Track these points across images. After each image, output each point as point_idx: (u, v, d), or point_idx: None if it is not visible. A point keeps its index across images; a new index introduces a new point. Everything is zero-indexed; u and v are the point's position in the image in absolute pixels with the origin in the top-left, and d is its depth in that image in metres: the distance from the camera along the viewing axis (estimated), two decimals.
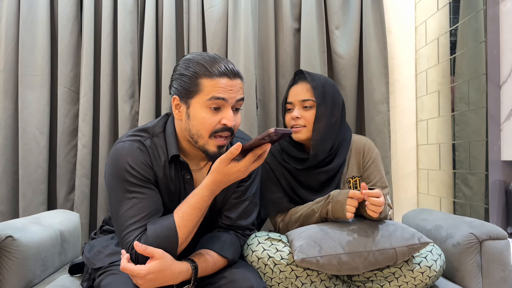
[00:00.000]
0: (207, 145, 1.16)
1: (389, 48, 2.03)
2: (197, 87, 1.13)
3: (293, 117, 1.48)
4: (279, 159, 1.54)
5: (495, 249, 1.29)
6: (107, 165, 1.20)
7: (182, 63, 1.18)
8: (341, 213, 1.30)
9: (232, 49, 1.98)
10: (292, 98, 1.50)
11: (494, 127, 1.66)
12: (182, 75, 1.16)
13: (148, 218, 1.14)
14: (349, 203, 1.29)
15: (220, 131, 1.15)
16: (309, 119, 1.46)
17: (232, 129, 1.17)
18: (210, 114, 1.14)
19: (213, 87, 1.12)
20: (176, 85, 1.17)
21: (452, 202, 2.00)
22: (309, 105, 1.47)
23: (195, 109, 1.14)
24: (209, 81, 1.12)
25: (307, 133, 1.47)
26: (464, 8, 1.90)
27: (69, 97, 2.00)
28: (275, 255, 1.27)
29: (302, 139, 1.49)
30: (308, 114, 1.47)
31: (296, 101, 1.49)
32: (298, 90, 1.49)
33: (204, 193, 1.13)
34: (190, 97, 1.15)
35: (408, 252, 1.25)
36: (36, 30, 1.97)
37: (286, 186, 1.51)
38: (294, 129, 1.48)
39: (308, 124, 1.47)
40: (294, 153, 1.52)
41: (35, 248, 1.32)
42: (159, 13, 2.02)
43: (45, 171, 1.96)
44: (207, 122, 1.14)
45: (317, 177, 1.49)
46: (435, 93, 2.00)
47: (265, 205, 1.50)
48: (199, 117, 1.14)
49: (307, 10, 1.97)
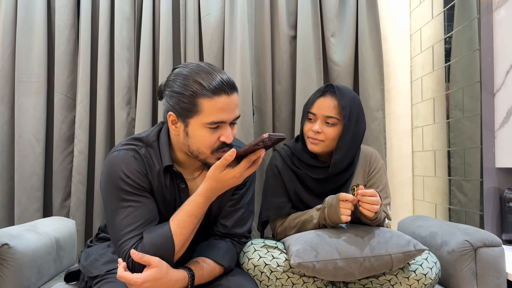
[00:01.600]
0: (209, 159, 1.17)
1: (385, 56, 2.05)
2: (195, 107, 1.12)
3: (314, 130, 1.46)
4: (289, 163, 1.54)
5: (489, 256, 1.30)
6: (102, 174, 1.20)
7: (177, 80, 1.15)
8: (336, 216, 1.30)
9: (229, 56, 1.99)
10: (317, 110, 1.48)
11: (488, 134, 1.68)
12: (177, 93, 1.13)
13: (144, 226, 1.14)
14: (343, 206, 1.29)
15: (220, 148, 1.16)
16: (329, 135, 1.46)
17: (231, 144, 1.18)
18: (209, 133, 1.13)
19: (212, 108, 1.11)
20: (172, 103, 1.15)
21: (448, 208, 2.01)
22: (332, 122, 1.46)
23: (194, 128, 1.14)
24: (207, 101, 1.11)
25: (323, 148, 1.48)
26: (459, 16, 1.92)
27: (66, 104, 2.00)
28: (271, 263, 1.27)
29: (317, 152, 1.49)
30: (329, 130, 1.46)
31: (320, 115, 1.47)
32: (324, 104, 1.47)
33: (200, 200, 1.13)
34: (188, 117, 1.14)
35: (403, 259, 1.25)
36: (33, 36, 1.97)
37: (292, 191, 1.52)
38: (311, 140, 1.48)
39: (327, 140, 1.46)
40: (306, 160, 1.52)
41: (31, 256, 1.32)
42: (156, 20, 2.03)
43: (40, 178, 1.95)
44: (207, 141, 1.14)
45: (327, 185, 1.50)
46: (430, 100, 2.02)
47: (267, 208, 1.51)
48: (198, 136, 1.14)
49: (303, 18, 1.99)
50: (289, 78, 2.04)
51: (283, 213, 1.49)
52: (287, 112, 2.04)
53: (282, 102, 2.03)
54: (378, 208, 1.27)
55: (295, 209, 1.52)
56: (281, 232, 1.48)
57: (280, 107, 2.04)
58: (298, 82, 1.98)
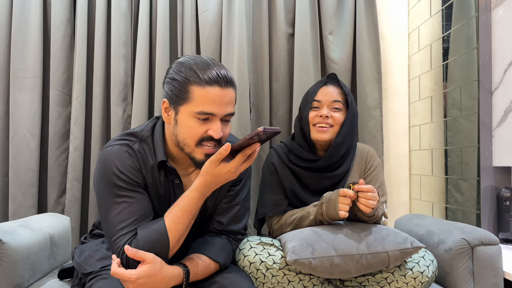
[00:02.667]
0: (194, 153, 1.14)
1: (382, 54, 2.04)
2: (186, 94, 1.10)
3: (322, 115, 1.47)
4: (285, 161, 1.54)
5: (486, 255, 1.30)
6: (96, 170, 1.19)
7: (175, 67, 1.15)
8: (334, 212, 1.30)
9: (226, 53, 1.98)
10: (322, 97, 1.50)
11: (486, 133, 1.67)
12: (173, 80, 1.13)
13: (138, 222, 1.12)
14: (341, 201, 1.29)
15: (206, 140, 1.13)
16: (337, 119, 1.48)
17: (219, 140, 1.14)
18: (197, 124, 1.11)
19: (203, 98, 1.09)
20: (167, 89, 1.15)
21: (444, 207, 2.01)
22: (339, 106, 1.49)
23: (183, 116, 1.12)
24: (199, 89, 1.09)
25: (332, 134, 1.49)
26: (457, 15, 1.92)
27: (61, 100, 1.98)
28: (267, 260, 1.26)
29: (327, 139, 1.49)
30: (337, 114, 1.49)
31: (326, 101, 1.49)
32: (330, 91, 1.50)
33: (195, 195, 1.12)
34: (179, 104, 1.12)
35: (400, 256, 1.25)
36: (29, 32, 1.96)
37: (289, 189, 1.52)
38: (319, 128, 1.48)
39: (336, 125, 1.49)
40: (303, 155, 1.52)
41: (24, 252, 1.31)
42: (153, 16, 2.02)
43: (35, 174, 1.94)
44: (193, 132, 1.12)
45: (323, 181, 1.50)
46: (428, 99, 2.02)
47: (264, 205, 1.51)
48: (186, 126, 1.12)
49: (301, 16, 1.98)
50: (286, 76, 2.03)
51: (279, 210, 1.49)
52: (284, 110, 2.03)
53: (280, 100, 2.03)
54: (376, 204, 1.26)
55: (291, 206, 1.52)
56: (278, 229, 1.48)
57: (278, 104, 2.03)
58: (295, 80, 1.97)
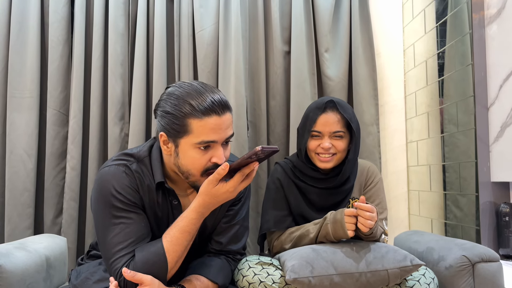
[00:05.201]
0: (199, 181, 1.13)
1: (378, 71, 2.06)
2: (185, 127, 1.09)
3: (324, 147, 1.45)
4: (291, 176, 1.54)
5: (487, 272, 1.28)
6: (93, 191, 1.18)
7: (166, 99, 1.13)
8: (342, 232, 1.30)
9: (223, 72, 1.99)
10: (322, 128, 1.47)
11: (483, 149, 1.68)
12: (168, 114, 1.11)
13: (136, 244, 1.11)
14: (348, 221, 1.29)
15: (211, 169, 1.12)
16: (340, 147, 1.46)
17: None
18: (199, 154, 1.10)
19: (202, 129, 1.08)
20: (162, 123, 1.13)
21: (444, 223, 2.00)
22: (340, 135, 1.47)
23: (184, 149, 1.11)
24: (197, 121, 1.08)
25: (336, 161, 1.48)
26: (451, 31, 1.94)
27: (58, 119, 1.98)
28: (266, 280, 1.25)
29: (331, 167, 1.48)
30: (339, 143, 1.47)
31: (326, 131, 1.46)
32: (329, 121, 1.46)
33: (193, 216, 1.11)
34: (178, 137, 1.11)
35: (400, 274, 1.24)
36: (26, 52, 1.96)
37: (293, 205, 1.51)
38: (322, 158, 1.47)
39: (339, 153, 1.47)
40: (309, 173, 1.52)
41: (20, 275, 1.28)
42: (150, 35, 2.03)
43: (32, 194, 1.92)
44: (197, 162, 1.11)
45: (330, 198, 1.50)
46: (425, 115, 2.02)
47: (267, 220, 1.50)
48: (189, 157, 1.11)
49: (297, 33, 2.00)
50: (283, 93, 2.04)
51: (283, 226, 1.48)
52: (281, 127, 2.03)
53: (277, 117, 2.03)
54: (373, 224, 1.26)
55: (295, 223, 1.51)
56: (277, 245, 1.47)
57: (275, 122, 2.03)
58: (292, 97, 1.98)
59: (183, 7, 2.02)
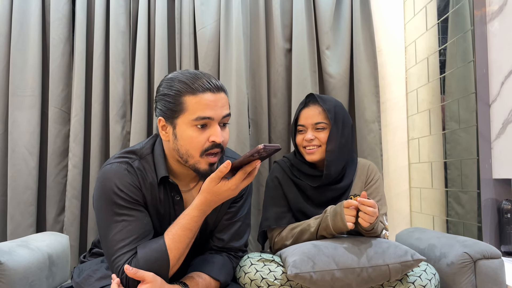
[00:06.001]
0: (198, 163, 1.14)
1: (380, 68, 2.05)
2: (181, 105, 1.11)
3: (307, 139, 1.52)
4: (289, 174, 1.57)
5: (489, 269, 1.29)
6: (95, 188, 1.18)
7: (164, 83, 1.16)
8: (341, 224, 1.30)
9: (224, 69, 1.99)
10: (304, 121, 1.54)
11: (484, 146, 1.67)
12: (165, 95, 1.14)
13: (138, 241, 1.12)
14: (347, 213, 1.30)
15: (210, 149, 1.13)
16: (323, 139, 1.51)
17: (222, 145, 1.15)
18: (197, 132, 1.11)
19: (197, 105, 1.10)
20: (160, 106, 1.15)
21: (445, 220, 2.00)
22: (322, 127, 1.52)
23: (181, 129, 1.12)
24: (192, 98, 1.10)
25: (321, 154, 1.52)
26: (452, 28, 1.93)
27: (60, 118, 1.98)
28: (268, 276, 1.25)
29: (316, 159, 1.52)
30: (321, 134, 1.51)
31: (309, 124, 1.53)
32: (310, 113, 1.53)
33: (195, 213, 1.11)
34: (175, 117, 1.12)
35: (401, 269, 1.24)
36: (28, 50, 1.96)
37: (292, 201, 1.53)
38: (308, 150, 1.53)
39: (323, 144, 1.51)
40: (305, 170, 1.55)
41: (22, 272, 1.29)
42: (151, 33, 2.03)
43: (34, 192, 1.93)
44: (195, 141, 1.12)
45: (327, 194, 1.52)
46: (426, 112, 2.02)
47: (267, 217, 1.52)
48: (187, 137, 1.12)
49: (298, 31, 1.99)
50: (284, 91, 2.04)
51: (283, 223, 1.50)
52: (283, 125, 2.03)
53: (278, 115, 2.03)
54: (374, 219, 1.27)
55: (295, 219, 1.53)
56: (279, 241, 1.48)
57: (276, 119, 2.03)
58: (293, 95, 1.98)
59: (184, 5, 2.02)
